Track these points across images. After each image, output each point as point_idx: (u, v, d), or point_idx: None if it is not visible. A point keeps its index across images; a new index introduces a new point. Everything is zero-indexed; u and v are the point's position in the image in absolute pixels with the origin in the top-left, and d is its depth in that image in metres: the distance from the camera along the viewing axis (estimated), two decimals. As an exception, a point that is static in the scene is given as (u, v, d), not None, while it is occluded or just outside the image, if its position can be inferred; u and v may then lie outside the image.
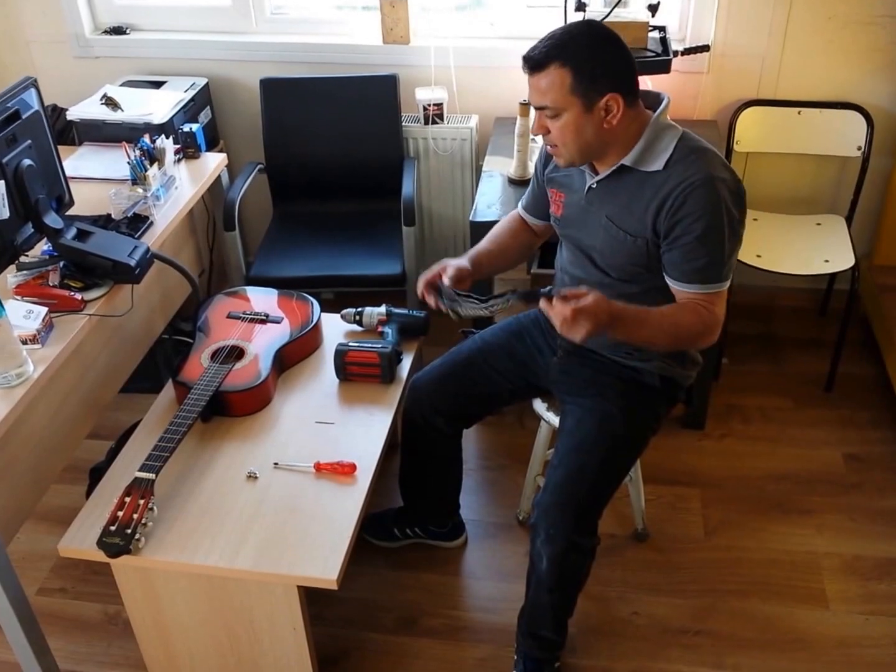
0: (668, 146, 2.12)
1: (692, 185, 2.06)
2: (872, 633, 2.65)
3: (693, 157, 2.11)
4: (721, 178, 2.09)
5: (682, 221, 2.09)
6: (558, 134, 2.12)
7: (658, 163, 2.12)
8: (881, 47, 3.43)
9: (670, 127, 2.16)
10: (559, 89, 2.05)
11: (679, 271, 2.16)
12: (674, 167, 2.11)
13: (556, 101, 2.07)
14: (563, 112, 2.08)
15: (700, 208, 2.07)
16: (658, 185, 2.12)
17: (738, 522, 3.01)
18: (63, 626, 2.74)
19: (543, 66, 2.05)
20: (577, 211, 2.31)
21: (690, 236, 2.09)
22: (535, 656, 2.49)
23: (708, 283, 2.14)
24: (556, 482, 2.28)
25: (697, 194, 2.06)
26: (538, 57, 2.06)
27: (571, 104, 2.06)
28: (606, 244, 2.25)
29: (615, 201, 2.21)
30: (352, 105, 3.65)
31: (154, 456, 2.27)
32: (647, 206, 2.13)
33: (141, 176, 2.91)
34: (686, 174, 2.08)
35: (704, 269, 2.13)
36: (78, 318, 2.46)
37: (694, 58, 3.42)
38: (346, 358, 2.63)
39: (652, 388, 2.40)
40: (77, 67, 3.89)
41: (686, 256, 2.12)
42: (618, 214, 2.20)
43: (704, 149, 2.14)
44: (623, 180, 2.18)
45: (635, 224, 2.17)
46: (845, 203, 3.68)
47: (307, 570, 2.14)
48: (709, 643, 2.64)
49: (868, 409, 3.47)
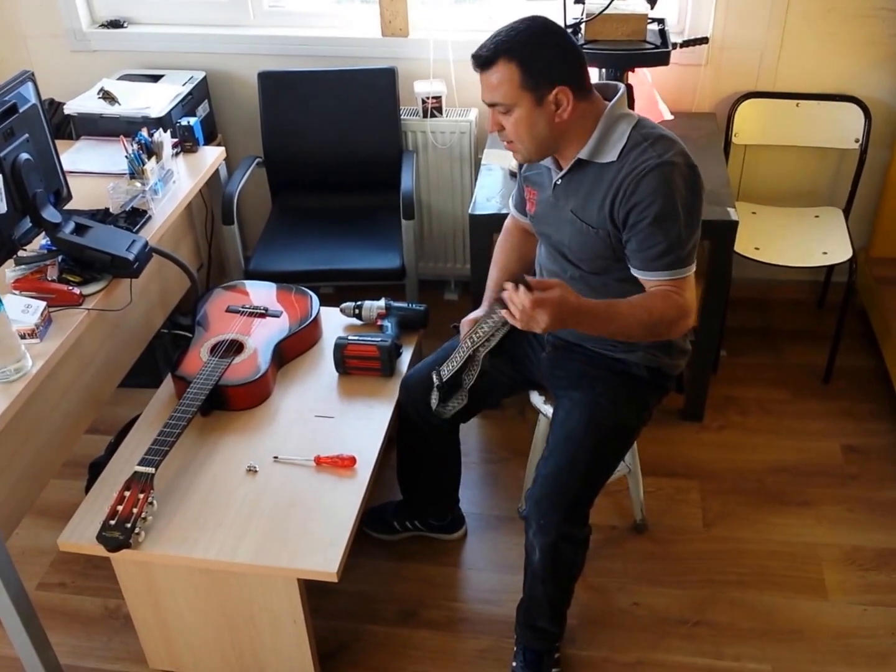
0: (621, 137, 2.13)
1: (643, 171, 2.06)
2: (871, 624, 2.66)
3: (645, 144, 2.10)
4: (672, 163, 2.07)
5: (636, 209, 2.09)
6: (513, 130, 2.13)
7: (612, 154, 2.13)
8: (880, 40, 3.43)
9: (624, 116, 2.16)
10: (509, 84, 2.06)
11: (639, 260, 2.15)
12: (626, 156, 2.11)
13: (507, 97, 2.08)
14: (515, 107, 2.09)
15: (650, 193, 2.06)
16: (612, 175, 2.12)
17: (737, 514, 3.02)
18: (63, 621, 2.74)
19: (492, 62, 2.07)
20: (546, 207, 2.33)
21: (644, 223, 2.09)
22: (534, 647, 2.50)
23: (670, 269, 2.13)
24: (545, 474, 2.28)
25: (647, 180, 2.06)
26: (486, 54, 2.07)
27: (522, 98, 2.07)
28: (574, 238, 2.26)
29: (577, 195, 2.22)
30: (350, 98, 3.65)
31: (153, 450, 2.28)
32: (605, 198, 2.14)
33: (139, 170, 2.90)
34: (637, 162, 2.08)
35: (663, 255, 2.12)
36: (76, 313, 2.45)
37: (692, 50, 3.42)
38: (346, 351, 2.64)
39: (640, 379, 2.40)
40: (74, 61, 3.88)
41: (642, 244, 2.12)
42: (580, 208, 2.21)
43: (658, 136, 2.13)
44: (583, 174, 2.19)
45: (596, 216, 2.18)
46: (843, 195, 3.69)
47: (307, 563, 2.15)
48: (708, 634, 2.65)
49: (866, 401, 3.47)
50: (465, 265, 3.95)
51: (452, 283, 4.13)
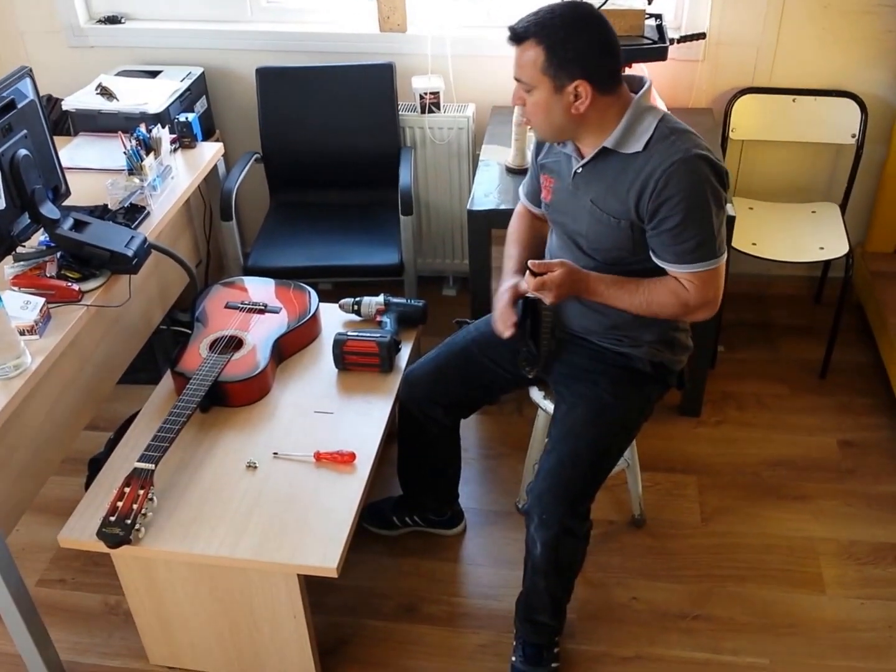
0: (647, 128, 2.13)
1: (673, 165, 2.07)
2: (868, 617, 2.67)
3: (673, 137, 2.11)
4: (702, 156, 2.09)
5: (667, 203, 2.09)
6: (531, 109, 2.16)
7: (638, 144, 2.13)
8: (876, 36, 3.44)
9: (650, 109, 2.16)
10: (532, 66, 2.08)
11: (670, 254, 2.17)
12: (653, 148, 2.11)
13: (529, 77, 2.10)
14: (535, 89, 2.11)
15: (683, 188, 2.08)
16: (639, 166, 2.12)
17: (735, 508, 3.03)
18: (64, 617, 2.74)
19: (522, 40, 2.09)
20: (564, 196, 2.32)
21: (677, 218, 2.10)
22: (533, 642, 2.51)
23: (703, 261, 2.16)
24: (548, 468, 2.29)
25: (679, 175, 2.07)
26: (519, 30, 2.09)
27: (541, 83, 2.09)
28: (592, 228, 2.26)
29: (599, 185, 2.21)
30: (348, 94, 3.65)
31: (153, 446, 2.28)
32: (629, 189, 2.14)
33: (137, 166, 2.91)
34: (666, 155, 2.09)
35: (697, 249, 2.14)
36: (75, 309, 2.46)
37: (690, 45, 3.43)
38: (345, 347, 2.64)
39: (643, 374, 2.41)
40: (72, 57, 3.87)
41: (676, 239, 2.14)
42: (601, 198, 2.21)
43: (684, 129, 2.15)
44: (606, 163, 2.19)
45: (618, 207, 2.18)
46: (839, 191, 3.70)
47: (307, 559, 2.15)
48: (707, 628, 2.66)
49: (862, 396, 3.48)
50: (464, 261, 3.95)
51: (451, 278, 4.13)
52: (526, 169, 3.21)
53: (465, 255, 3.93)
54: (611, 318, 2.34)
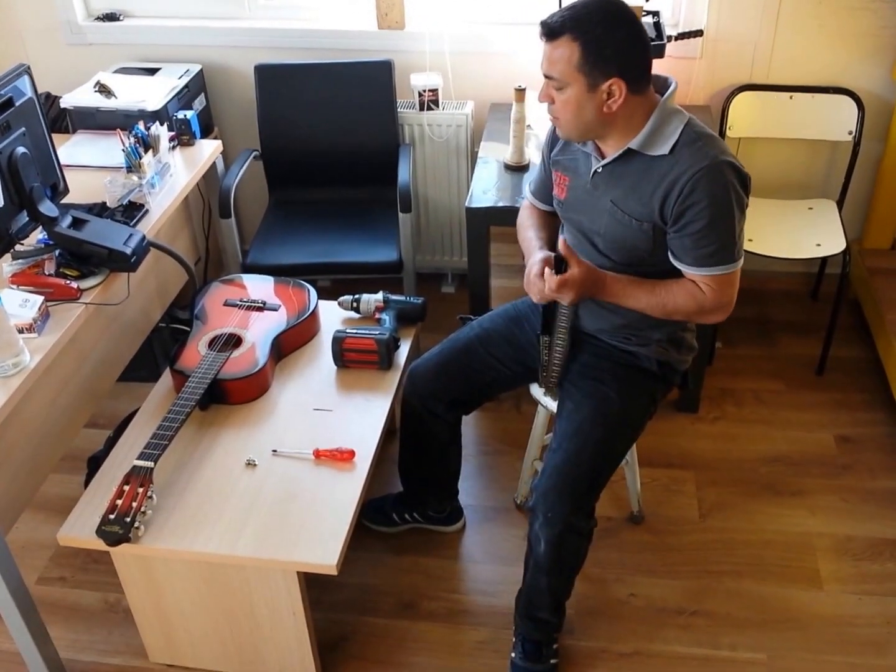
0: (674, 131, 2.12)
1: (701, 171, 2.07)
2: (865, 613, 2.68)
3: (700, 142, 2.11)
4: (727, 162, 2.09)
5: (692, 208, 2.09)
6: (560, 107, 2.12)
7: (664, 147, 2.12)
8: (872, 32, 3.44)
9: (677, 112, 2.16)
10: (566, 63, 2.03)
11: (691, 257, 2.17)
12: (680, 152, 2.11)
13: (562, 74, 2.05)
14: (567, 87, 2.07)
15: (710, 195, 2.08)
16: (665, 169, 2.12)
17: (732, 504, 3.03)
18: (63, 615, 2.75)
19: (556, 35, 2.03)
20: (581, 194, 2.31)
21: (701, 223, 2.10)
22: (533, 638, 2.51)
23: (721, 265, 2.16)
24: (553, 466, 2.29)
25: (707, 181, 2.07)
26: (553, 26, 2.03)
27: (575, 80, 2.05)
28: (610, 229, 2.25)
29: (620, 185, 2.20)
30: (347, 91, 3.65)
31: (152, 444, 2.29)
32: (654, 191, 2.14)
33: (136, 163, 2.91)
34: (694, 160, 2.08)
35: (716, 253, 2.15)
36: (74, 307, 2.46)
37: (687, 43, 3.43)
38: (344, 345, 2.65)
39: (649, 373, 2.42)
40: (70, 55, 3.87)
41: (698, 243, 2.14)
42: (623, 199, 2.20)
43: (710, 134, 2.15)
44: (629, 164, 2.18)
45: (641, 208, 2.18)
46: (836, 187, 3.70)
47: (307, 556, 2.16)
48: (704, 623, 2.67)
49: (859, 392, 3.49)
50: (463, 258, 3.96)
51: (450, 275, 4.14)
52: (524, 166, 3.23)
53: (463, 252, 3.93)
54: (622, 317, 2.34)
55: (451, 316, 2.84)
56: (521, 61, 3.62)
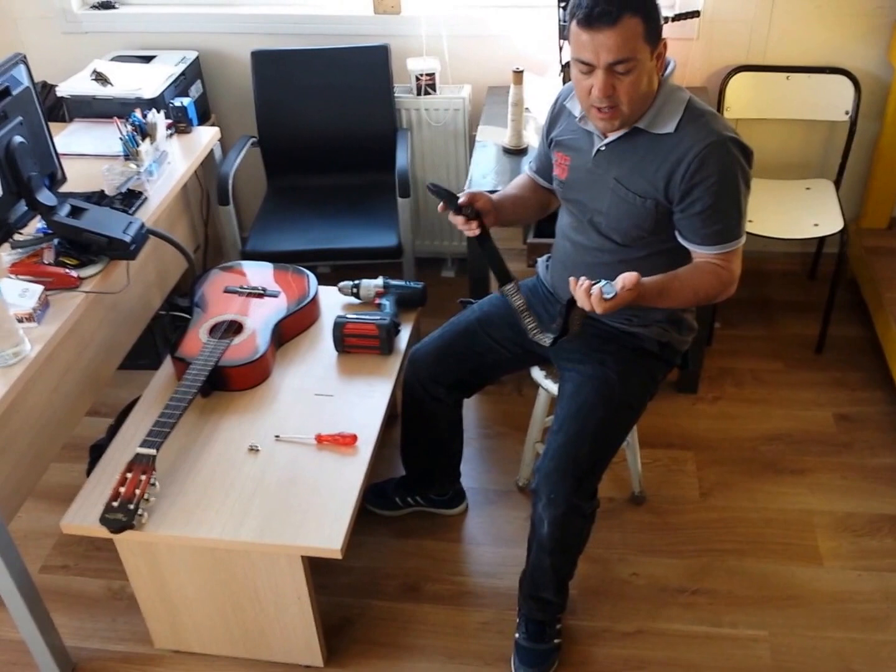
0: (678, 109, 2.13)
1: (707, 147, 2.08)
2: (865, 589, 2.70)
3: (703, 119, 2.12)
4: (732, 138, 2.11)
5: (700, 186, 2.10)
6: (629, 89, 2.05)
7: (669, 125, 2.13)
8: (867, 12, 3.44)
9: (679, 90, 2.17)
10: (635, 39, 1.98)
11: (699, 235, 2.18)
12: (684, 129, 2.12)
13: (634, 52, 1.99)
14: (636, 64, 2.01)
15: (717, 172, 2.09)
16: (670, 147, 2.13)
17: (733, 483, 3.05)
18: (67, 603, 2.76)
19: (617, 19, 1.95)
20: (583, 174, 2.30)
21: (709, 200, 2.11)
22: (537, 618, 2.53)
23: (727, 243, 2.17)
24: (556, 447, 2.30)
25: (713, 158, 2.08)
26: (609, 11, 1.95)
27: (644, 52, 2.01)
28: (613, 207, 2.25)
29: (625, 163, 2.21)
30: (344, 77, 3.64)
31: (155, 432, 2.29)
32: (659, 168, 2.14)
33: (133, 151, 2.91)
34: (699, 137, 2.09)
35: (724, 231, 2.16)
36: (74, 296, 2.46)
37: (684, 24, 3.42)
38: (345, 330, 2.65)
39: (650, 354, 2.42)
40: (66, 43, 3.86)
41: (706, 221, 2.15)
42: (627, 176, 2.20)
43: (712, 112, 2.16)
44: (633, 142, 2.19)
45: (645, 186, 2.18)
46: (833, 167, 3.70)
47: (311, 541, 2.17)
48: (706, 602, 2.68)
49: (858, 370, 3.51)
50: (462, 242, 3.96)
51: (449, 260, 4.14)
52: (523, 149, 3.24)
53: (462, 236, 3.87)
54: None
55: (451, 300, 2.85)
56: (519, 44, 3.61)
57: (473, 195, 2.29)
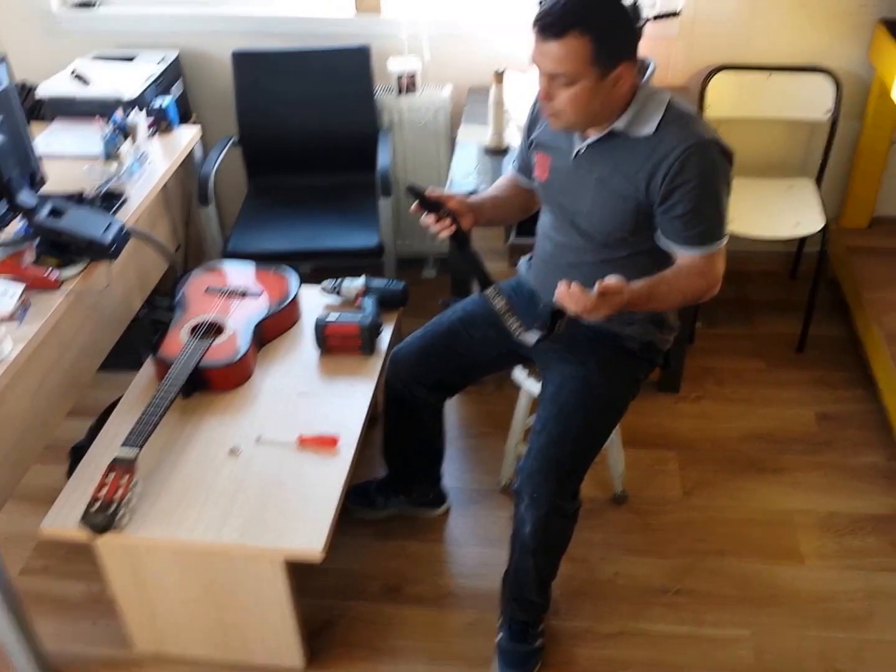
0: (657, 111, 2.12)
1: (688, 150, 2.07)
2: (847, 588, 2.71)
3: (684, 121, 2.12)
4: (712, 140, 2.11)
5: (681, 188, 2.10)
6: (568, 101, 2.05)
7: (648, 127, 2.12)
8: (849, 11, 3.45)
9: (658, 91, 2.16)
10: (578, 59, 1.97)
11: (681, 238, 2.18)
12: (664, 131, 2.11)
13: (574, 71, 1.99)
14: (578, 81, 2.01)
15: (697, 175, 2.09)
16: (650, 148, 2.12)
17: (715, 482, 3.06)
18: (48, 606, 2.74)
19: (562, 33, 1.95)
20: (563, 174, 2.30)
21: (690, 204, 2.11)
22: (519, 619, 2.52)
23: (709, 244, 2.18)
24: (538, 448, 2.30)
25: (694, 160, 2.08)
26: (556, 23, 1.95)
27: (588, 74, 2.00)
28: (594, 208, 2.25)
29: (605, 164, 2.20)
30: (325, 77, 3.64)
31: (135, 433, 2.28)
32: (639, 169, 2.14)
33: (114, 152, 2.90)
34: (679, 139, 2.09)
35: (706, 233, 2.16)
36: (54, 297, 2.45)
37: (664, 23, 3.43)
38: (326, 331, 2.65)
39: (632, 353, 2.43)
40: (46, 43, 3.84)
41: (687, 224, 2.15)
42: (608, 178, 2.20)
43: (693, 114, 2.16)
44: (613, 143, 2.18)
45: (626, 187, 2.18)
46: (815, 166, 3.72)
47: (292, 543, 2.16)
48: (689, 602, 2.69)
49: (839, 369, 3.52)
50: (443, 242, 3.94)
51: (431, 260, 4.14)
52: (504, 149, 3.24)
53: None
54: None
55: (432, 300, 2.85)
56: (500, 44, 3.61)
57: (443, 196, 2.28)
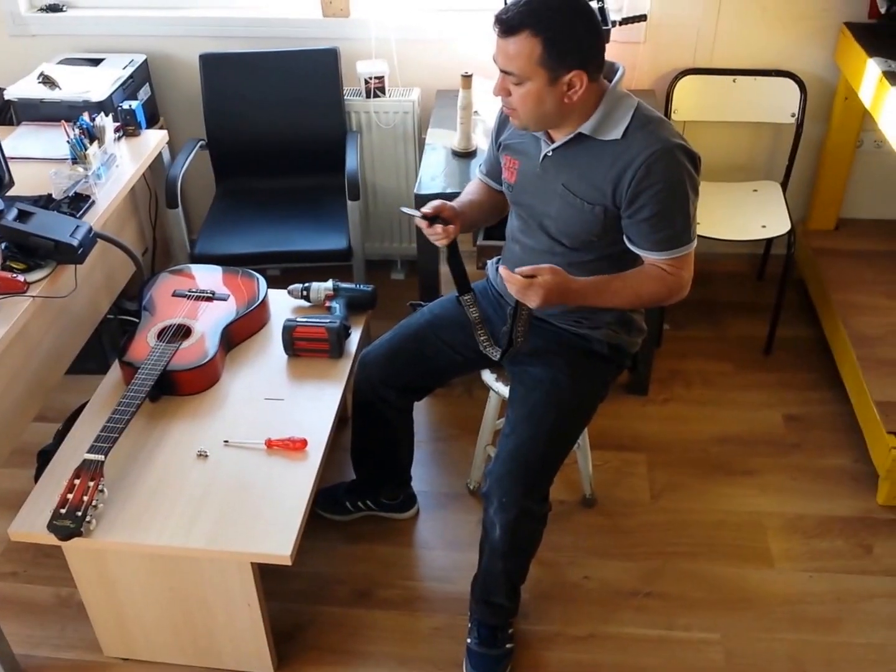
0: (625, 115, 2.13)
1: (654, 154, 2.08)
2: (816, 590, 2.72)
3: (651, 126, 2.12)
4: (679, 145, 2.12)
5: (646, 192, 2.10)
6: (519, 101, 2.09)
7: (616, 132, 2.13)
8: (813, 15, 3.47)
9: (626, 96, 2.16)
10: (527, 59, 2.00)
11: (647, 241, 2.19)
12: (632, 136, 2.11)
13: (522, 70, 2.02)
14: (527, 81, 2.04)
15: (663, 179, 2.10)
16: (617, 153, 2.13)
17: (684, 485, 3.07)
18: (16, 611, 2.72)
19: (515, 31, 1.99)
20: (531, 178, 2.31)
21: (656, 208, 2.12)
22: (488, 623, 2.52)
23: (677, 248, 2.19)
24: (507, 451, 2.30)
25: (660, 165, 2.09)
26: (511, 21, 1.99)
27: (536, 75, 2.02)
28: (561, 212, 2.25)
29: (572, 169, 2.21)
30: (293, 80, 3.63)
31: (103, 437, 2.26)
32: (606, 175, 2.14)
33: (81, 155, 2.88)
34: (646, 143, 2.09)
35: (672, 238, 2.17)
36: (21, 301, 2.43)
37: (631, 28, 3.44)
38: (295, 334, 2.64)
39: (600, 356, 2.43)
40: (13, 46, 3.81)
41: (653, 228, 2.16)
42: (574, 182, 2.21)
43: (660, 118, 2.17)
44: (579, 148, 2.18)
45: (592, 192, 2.18)
46: (780, 169, 3.74)
47: (260, 547, 2.15)
48: (659, 605, 2.69)
49: (806, 371, 3.54)
50: (412, 244, 3.95)
51: (399, 262, 4.14)
52: (472, 152, 3.24)
53: (412, 238, 3.93)
54: None
55: (401, 303, 2.84)
56: (467, 48, 3.61)
57: (439, 206, 2.31)
